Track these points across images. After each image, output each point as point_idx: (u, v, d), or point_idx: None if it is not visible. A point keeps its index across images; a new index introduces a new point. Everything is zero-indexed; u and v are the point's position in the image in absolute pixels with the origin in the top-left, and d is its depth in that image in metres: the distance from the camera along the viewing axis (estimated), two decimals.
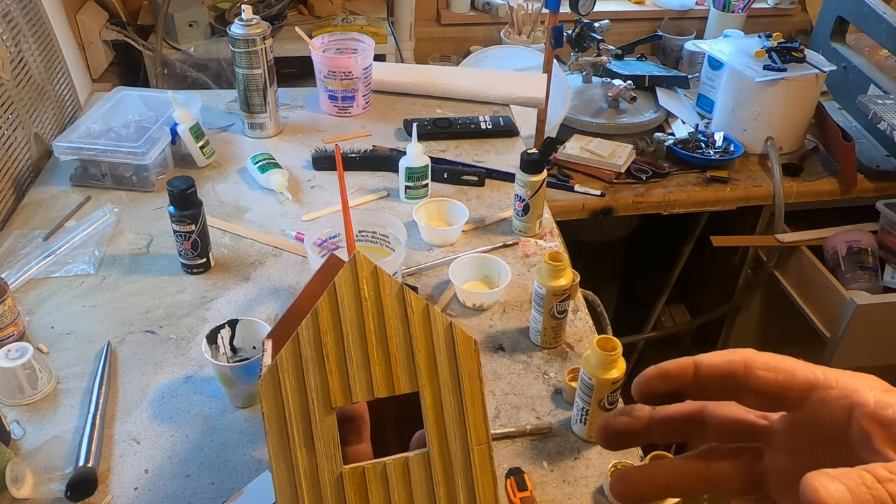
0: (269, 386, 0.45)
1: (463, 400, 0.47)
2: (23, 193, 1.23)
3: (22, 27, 1.29)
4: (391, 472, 0.46)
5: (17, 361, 0.84)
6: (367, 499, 0.46)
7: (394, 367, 0.47)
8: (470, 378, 0.48)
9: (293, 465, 0.45)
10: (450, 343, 0.48)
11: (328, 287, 0.45)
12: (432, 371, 0.47)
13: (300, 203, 1.23)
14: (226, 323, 0.89)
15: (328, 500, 0.45)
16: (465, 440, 0.48)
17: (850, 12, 1.85)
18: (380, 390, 0.46)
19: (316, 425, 0.45)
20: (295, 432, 0.45)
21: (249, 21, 1.27)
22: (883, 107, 1.69)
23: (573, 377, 0.88)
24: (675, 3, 2.20)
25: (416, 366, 0.47)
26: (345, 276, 0.46)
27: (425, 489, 0.47)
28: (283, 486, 0.45)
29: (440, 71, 1.67)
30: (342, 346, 0.46)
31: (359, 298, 0.46)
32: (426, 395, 0.47)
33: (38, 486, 0.75)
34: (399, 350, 0.47)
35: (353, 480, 0.45)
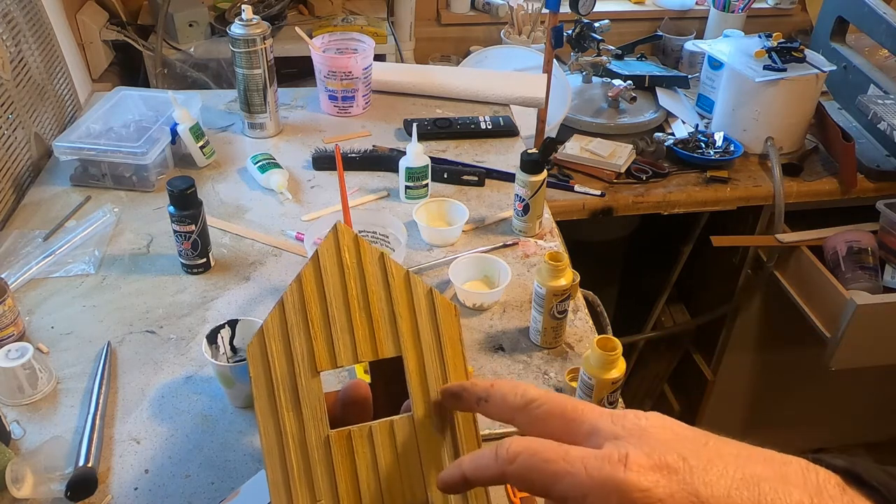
0: (256, 351, 0.46)
1: (445, 363, 0.49)
2: (23, 193, 1.23)
3: (22, 27, 1.29)
4: (377, 435, 0.47)
5: (17, 361, 0.84)
6: (353, 460, 0.46)
7: (377, 332, 0.48)
8: (451, 342, 0.49)
9: (281, 428, 0.46)
10: (431, 308, 0.49)
11: (311, 255, 0.46)
12: (415, 336, 0.49)
13: (300, 203, 1.23)
14: (226, 323, 0.89)
15: (315, 463, 0.46)
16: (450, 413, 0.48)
17: (850, 12, 1.85)
18: (364, 355, 0.47)
19: (302, 389, 0.46)
20: (282, 396, 0.46)
21: (249, 21, 1.27)
22: (883, 107, 1.69)
23: (573, 377, 0.88)
24: (675, 3, 2.20)
25: (399, 331, 0.48)
26: (327, 244, 0.47)
27: (410, 451, 0.48)
28: (272, 449, 0.46)
29: (440, 71, 1.67)
30: (326, 312, 0.47)
31: (341, 265, 0.47)
32: (409, 358, 0.48)
33: (38, 486, 0.75)
34: (381, 315, 0.48)
35: (339, 443, 0.46)
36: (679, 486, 0.33)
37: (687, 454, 0.34)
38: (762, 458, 0.36)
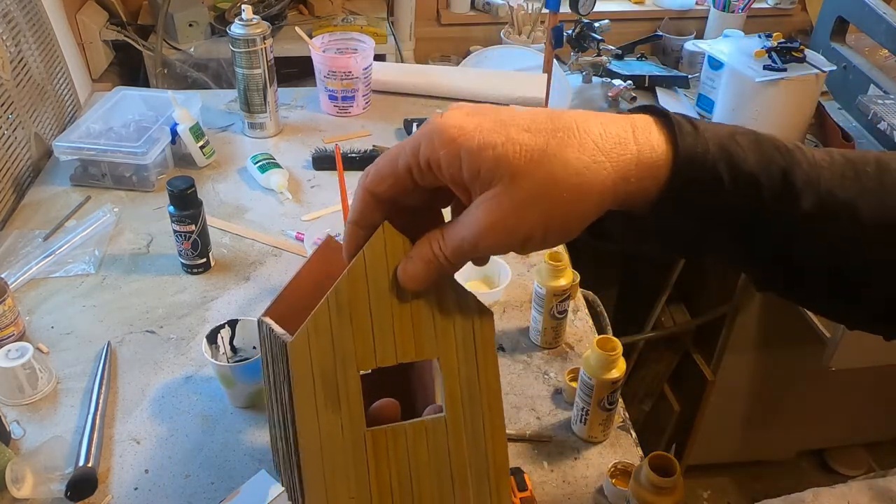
0: (299, 348, 0.45)
1: (478, 367, 0.49)
2: (23, 193, 1.23)
3: (22, 27, 1.29)
4: (410, 436, 0.48)
5: (17, 361, 0.84)
6: (386, 460, 0.47)
7: (416, 334, 0.48)
8: (486, 347, 0.50)
9: (318, 426, 0.46)
10: (469, 312, 0.49)
11: (357, 254, 0.46)
12: (452, 339, 0.49)
13: (300, 203, 1.23)
14: (226, 323, 0.89)
15: (349, 461, 0.46)
16: (479, 405, 0.49)
17: (850, 12, 1.85)
18: (404, 356, 0.48)
19: (342, 388, 0.46)
20: (322, 394, 0.46)
21: (249, 21, 1.27)
22: (883, 107, 1.69)
23: (573, 377, 0.88)
24: (675, 3, 2.19)
25: (436, 333, 0.48)
26: (375, 245, 0.46)
27: (441, 452, 0.48)
28: (310, 446, 0.46)
29: (440, 71, 1.67)
30: (370, 312, 0.47)
31: (386, 267, 0.47)
32: (444, 361, 0.49)
33: (38, 486, 0.75)
34: (421, 318, 0.48)
35: (374, 442, 0.47)
36: (488, 119, 0.41)
37: (497, 108, 0.42)
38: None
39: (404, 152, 0.43)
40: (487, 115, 0.41)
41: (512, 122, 0.41)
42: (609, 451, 0.84)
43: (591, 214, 0.42)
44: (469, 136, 0.40)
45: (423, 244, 0.45)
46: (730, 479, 2.17)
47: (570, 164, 0.40)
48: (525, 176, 0.40)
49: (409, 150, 0.42)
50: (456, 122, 0.41)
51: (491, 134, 0.40)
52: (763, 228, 0.44)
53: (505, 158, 0.40)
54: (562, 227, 0.41)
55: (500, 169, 0.40)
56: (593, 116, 0.42)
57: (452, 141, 0.40)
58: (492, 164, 0.40)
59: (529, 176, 0.40)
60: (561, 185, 0.40)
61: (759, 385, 1.98)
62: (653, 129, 0.43)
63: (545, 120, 0.41)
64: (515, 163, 0.40)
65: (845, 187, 0.44)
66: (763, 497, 1.01)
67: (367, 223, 0.46)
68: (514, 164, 0.40)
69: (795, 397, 1.99)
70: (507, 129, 0.40)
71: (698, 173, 0.42)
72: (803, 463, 2.21)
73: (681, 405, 2.08)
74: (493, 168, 0.40)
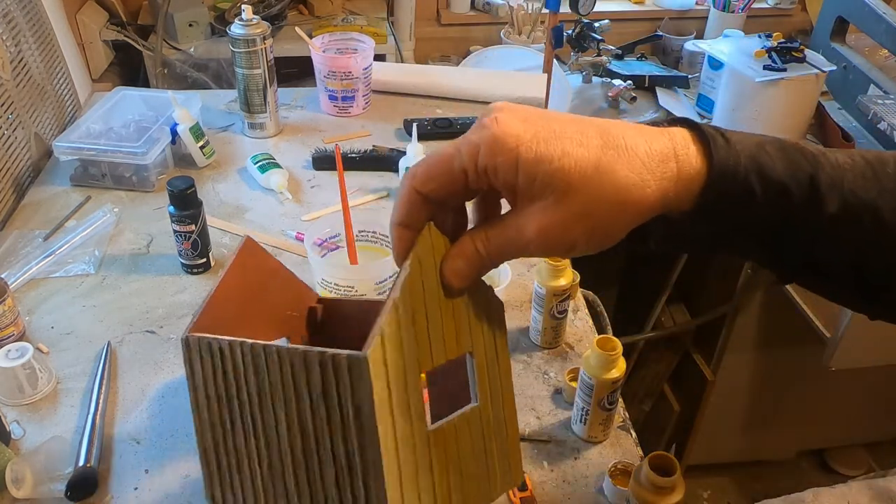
0: (378, 357, 0.44)
1: (497, 352, 0.52)
2: (23, 193, 1.23)
3: (22, 27, 1.29)
4: (459, 427, 0.50)
5: (17, 361, 0.84)
6: (444, 456, 0.49)
7: (456, 330, 0.49)
8: (501, 338, 0.52)
9: (394, 434, 0.46)
10: (489, 306, 0.51)
11: (411, 259, 0.46)
12: (481, 332, 0.51)
13: (300, 203, 1.23)
14: None
15: (418, 461, 0.47)
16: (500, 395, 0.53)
17: (850, 12, 1.85)
18: (451, 352, 0.49)
19: (411, 392, 0.47)
20: (395, 399, 0.46)
21: (249, 21, 1.27)
22: (883, 107, 1.69)
23: (573, 377, 0.88)
24: (675, 3, 2.19)
25: (470, 327, 0.50)
26: (424, 247, 0.47)
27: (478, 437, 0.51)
28: (389, 455, 0.46)
29: (440, 71, 1.67)
30: (425, 314, 0.47)
31: (434, 268, 0.47)
32: (478, 354, 0.51)
33: (38, 486, 0.75)
34: (459, 313, 0.49)
35: (435, 439, 0.48)
36: (543, 129, 0.43)
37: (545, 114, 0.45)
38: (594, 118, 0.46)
39: (460, 155, 0.44)
40: (542, 125, 0.43)
41: (565, 135, 0.43)
42: (609, 451, 0.84)
43: (632, 225, 0.45)
44: (527, 147, 0.42)
45: (466, 243, 0.47)
46: (730, 479, 2.17)
47: (620, 181, 0.42)
48: (577, 191, 0.42)
49: (466, 155, 0.43)
50: (514, 131, 0.42)
51: (548, 146, 0.42)
52: (791, 234, 0.47)
53: (561, 172, 0.42)
54: (604, 238, 0.45)
55: (555, 182, 0.42)
56: (637, 133, 0.44)
57: (511, 150, 0.42)
58: (547, 177, 0.42)
59: (581, 191, 0.42)
60: (609, 201, 0.43)
61: (759, 385, 1.98)
62: (690, 144, 0.45)
63: (596, 135, 0.43)
64: (569, 178, 0.42)
65: (867, 188, 0.46)
66: (763, 497, 1.01)
67: (413, 223, 0.46)
68: (568, 179, 0.42)
69: (795, 397, 1.99)
70: (561, 142, 0.42)
71: (731, 185, 0.44)
72: (803, 463, 2.21)
73: (681, 405, 2.08)
74: (549, 181, 0.42)
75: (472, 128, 0.44)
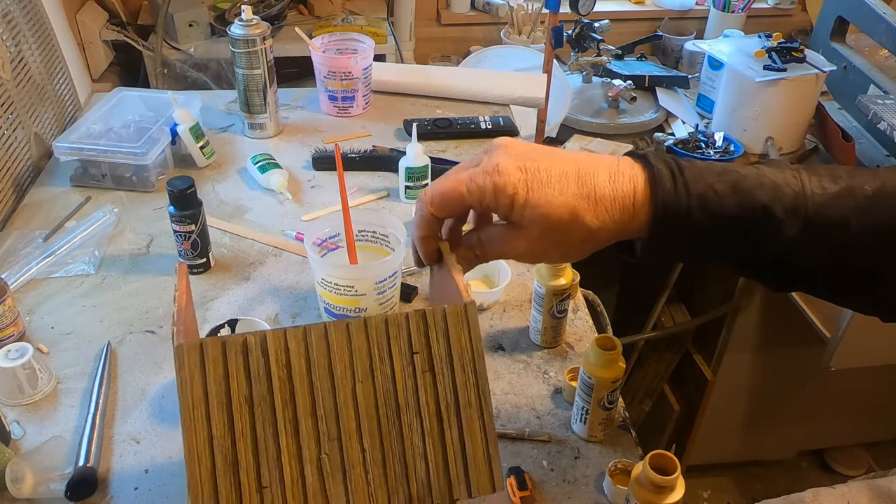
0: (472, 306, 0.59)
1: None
2: (23, 193, 1.23)
3: (22, 27, 1.29)
4: None
5: (17, 361, 0.84)
6: None
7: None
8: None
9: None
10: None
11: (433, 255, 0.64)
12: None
13: (300, 203, 1.23)
14: (226, 323, 0.89)
15: None
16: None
17: (850, 12, 1.85)
18: None
19: None
20: None
21: (249, 21, 1.27)
22: (883, 107, 1.69)
23: (573, 377, 0.88)
24: (675, 3, 2.20)
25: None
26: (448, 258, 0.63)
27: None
28: None
29: (440, 71, 1.67)
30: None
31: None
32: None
33: (38, 486, 0.75)
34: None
35: None
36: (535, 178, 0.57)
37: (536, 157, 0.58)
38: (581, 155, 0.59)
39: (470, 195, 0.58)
40: (533, 171, 0.57)
41: (550, 183, 0.56)
42: (609, 450, 0.84)
43: (597, 248, 0.59)
44: (520, 195, 0.56)
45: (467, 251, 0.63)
46: (730, 479, 2.17)
47: (588, 225, 0.56)
48: (555, 230, 0.57)
49: (475, 195, 0.58)
50: (512, 181, 0.56)
51: (536, 193, 0.56)
52: (752, 254, 0.57)
53: (544, 217, 0.56)
54: (575, 256, 0.60)
55: (539, 221, 0.57)
56: (608, 180, 0.57)
57: (509, 197, 0.56)
58: (534, 217, 0.57)
59: (558, 230, 0.57)
60: (578, 237, 0.57)
61: (759, 385, 1.98)
62: (644, 184, 0.57)
63: (574, 183, 0.56)
64: (550, 220, 0.56)
65: (837, 206, 0.56)
66: (763, 497, 1.01)
67: (432, 233, 0.62)
68: (548, 222, 0.56)
69: (795, 397, 1.99)
70: (546, 190, 0.56)
71: (675, 221, 0.56)
72: (803, 463, 2.22)
73: (681, 405, 2.08)
74: (535, 220, 0.57)
75: (478, 170, 0.58)
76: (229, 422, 0.53)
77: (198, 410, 0.53)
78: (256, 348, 0.54)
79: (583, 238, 0.57)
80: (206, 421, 0.53)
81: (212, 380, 0.53)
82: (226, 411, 0.53)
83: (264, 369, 0.54)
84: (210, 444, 0.52)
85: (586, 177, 0.57)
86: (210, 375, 0.53)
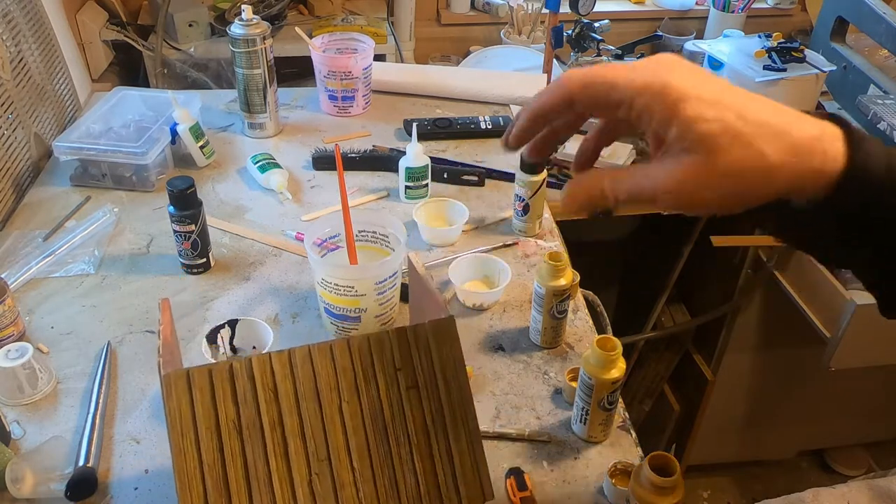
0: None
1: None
2: (23, 193, 1.23)
3: (22, 27, 1.29)
4: None
5: (17, 361, 0.84)
6: None
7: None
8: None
9: None
10: None
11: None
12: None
13: (300, 203, 1.23)
14: (226, 323, 0.89)
15: None
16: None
17: (850, 12, 1.85)
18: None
19: None
20: None
21: (249, 21, 1.27)
22: (883, 107, 1.69)
23: (573, 377, 0.88)
24: (675, 3, 2.19)
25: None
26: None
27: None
28: None
29: (440, 71, 1.67)
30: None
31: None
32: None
33: (38, 486, 0.75)
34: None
35: None
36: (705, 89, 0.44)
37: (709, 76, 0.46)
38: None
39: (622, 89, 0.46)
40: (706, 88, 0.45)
41: (723, 103, 0.44)
42: (609, 451, 0.84)
43: (763, 200, 0.46)
44: (690, 105, 0.44)
45: (592, 177, 0.49)
46: (730, 479, 2.17)
47: (766, 159, 0.44)
48: (727, 153, 0.44)
49: (626, 92, 0.45)
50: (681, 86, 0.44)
51: (708, 110, 0.44)
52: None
53: (711, 137, 0.43)
54: (734, 204, 0.46)
55: (707, 142, 0.44)
56: (794, 118, 0.46)
57: (671, 106, 0.44)
58: (698, 137, 0.44)
59: (730, 155, 0.44)
60: (751, 175, 0.44)
61: (759, 385, 1.98)
62: (837, 140, 0.46)
63: (758, 110, 0.45)
64: (720, 141, 0.44)
65: None
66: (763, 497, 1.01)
67: (546, 116, 0.50)
68: (719, 142, 0.44)
69: (795, 397, 1.99)
70: (720, 109, 0.44)
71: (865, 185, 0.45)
72: (803, 463, 2.22)
73: (681, 405, 2.08)
74: (698, 141, 0.44)
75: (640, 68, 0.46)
76: (219, 447, 0.54)
77: (187, 438, 0.53)
78: (242, 373, 0.54)
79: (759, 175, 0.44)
80: (196, 448, 0.53)
81: (200, 407, 0.54)
82: (215, 437, 0.54)
83: (251, 393, 0.54)
84: (201, 470, 0.53)
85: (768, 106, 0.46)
86: (198, 403, 0.54)
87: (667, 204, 0.46)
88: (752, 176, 0.44)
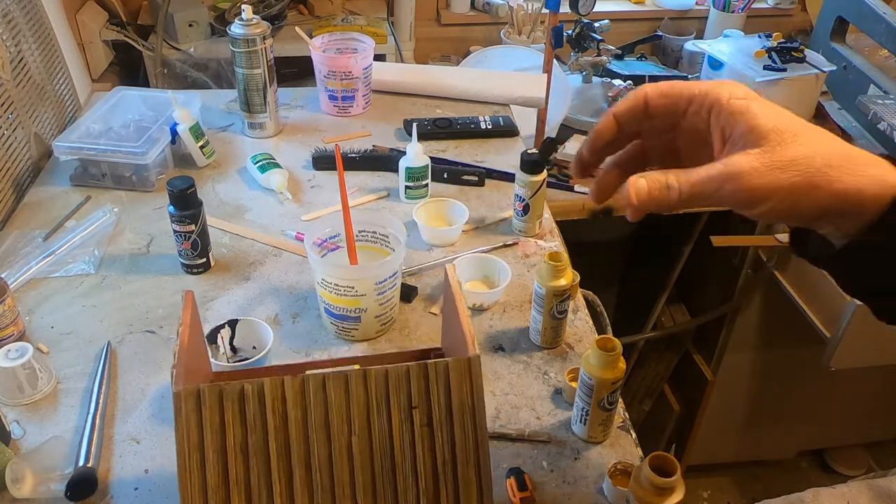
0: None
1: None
2: (23, 193, 1.23)
3: (22, 27, 1.29)
4: None
5: (17, 361, 0.84)
6: None
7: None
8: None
9: None
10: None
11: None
12: None
13: (300, 203, 1.23)
14: (226, 323, 0.89)
15: None
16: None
17: (850, 12, 1.85)
18: None
19: None
20: None
21: (249, 21, 1.27)
22: (883, 107, 1.69)
23: (573, 377, 0.88)
24: (675, 3, 2.19)
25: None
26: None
27: None
28: None
29: (440, 71, 1.67)
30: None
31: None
32: None
33: (38, 486, 0.75)
34: None
35: None
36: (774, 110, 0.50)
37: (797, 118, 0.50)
38: None
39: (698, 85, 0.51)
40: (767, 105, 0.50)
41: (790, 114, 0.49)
42: (609, 451, 0.84)
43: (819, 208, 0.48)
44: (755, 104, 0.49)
45: (658, 174, 0.51)
46: (730, 479, 2.18)
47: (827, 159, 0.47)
48: (789, 148, 0.47)
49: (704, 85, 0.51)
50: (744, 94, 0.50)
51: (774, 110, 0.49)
52: None
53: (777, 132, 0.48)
54: (791, 204, 0.47)
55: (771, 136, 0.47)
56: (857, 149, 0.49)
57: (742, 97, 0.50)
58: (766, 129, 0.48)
59: (792, 150, 0.47)
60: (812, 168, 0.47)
61: (759, 385, 1.98)
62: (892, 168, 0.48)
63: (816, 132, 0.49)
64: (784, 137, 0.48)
65: None
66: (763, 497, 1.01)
67: (621, 118, 0.54)
68: (783, 138, 0.47)
69: (795, 397, 1.99)
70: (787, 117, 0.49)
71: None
72: (803, 463, 2.22)
73: (681, 405, 2.08)
74: (766, 133, 0.48)
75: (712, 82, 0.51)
76: (224, 471, 0.53)
77: (193, 458, 0.53)
78: (253, 397, 0.53)
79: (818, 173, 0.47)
80: (202, 469, 0.53)
81: (208, 427, 0.53)
82: (221, 460, 0.53)
83: (260, 419, 0.53)
84: (204, 492, 0.52)
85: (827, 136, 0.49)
86: (206, 423, 0.53)
87: (729, 197, 0.48)
88: (811, 175, 0.46)
